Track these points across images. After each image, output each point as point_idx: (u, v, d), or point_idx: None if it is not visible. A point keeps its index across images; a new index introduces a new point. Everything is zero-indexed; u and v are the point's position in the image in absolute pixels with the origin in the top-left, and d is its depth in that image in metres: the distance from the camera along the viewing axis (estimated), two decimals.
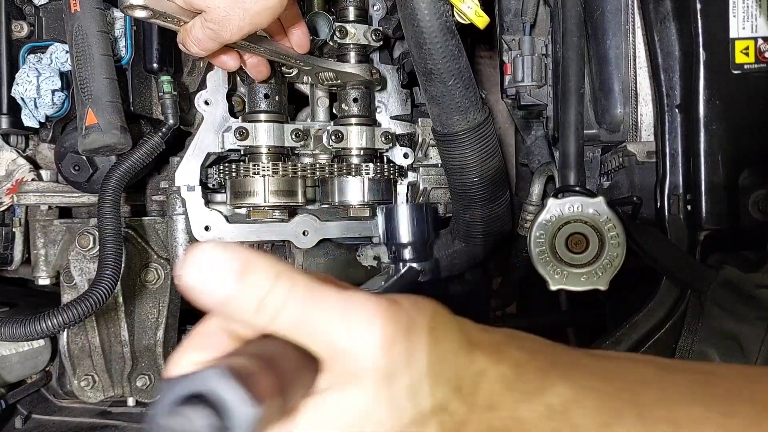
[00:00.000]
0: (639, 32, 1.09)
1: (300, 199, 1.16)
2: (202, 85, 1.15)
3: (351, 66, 1.11)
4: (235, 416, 0.33)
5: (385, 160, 1.23)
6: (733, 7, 0.98)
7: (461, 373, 0.44)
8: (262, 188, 1.11)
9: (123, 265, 1.04)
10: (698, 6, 0.98)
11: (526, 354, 0.48)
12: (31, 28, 1.15)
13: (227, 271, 0.38)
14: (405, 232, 1.15)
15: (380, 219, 1.21)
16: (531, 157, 1.33)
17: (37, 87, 1.09)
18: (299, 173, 1.13)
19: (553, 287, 0.96)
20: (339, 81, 1.13)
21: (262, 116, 1.13)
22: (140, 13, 0.86)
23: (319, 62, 1.09)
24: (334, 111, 1.23)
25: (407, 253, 1.17)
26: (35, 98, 1.09)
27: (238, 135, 1.11)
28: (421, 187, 1.27)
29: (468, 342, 0.46)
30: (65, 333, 1.23)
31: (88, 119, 0.99)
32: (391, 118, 1.24)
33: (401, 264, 1.17)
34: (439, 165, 1.24)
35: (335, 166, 1.16)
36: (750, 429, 0.47)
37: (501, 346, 0.47)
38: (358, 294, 0.42)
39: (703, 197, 1.01)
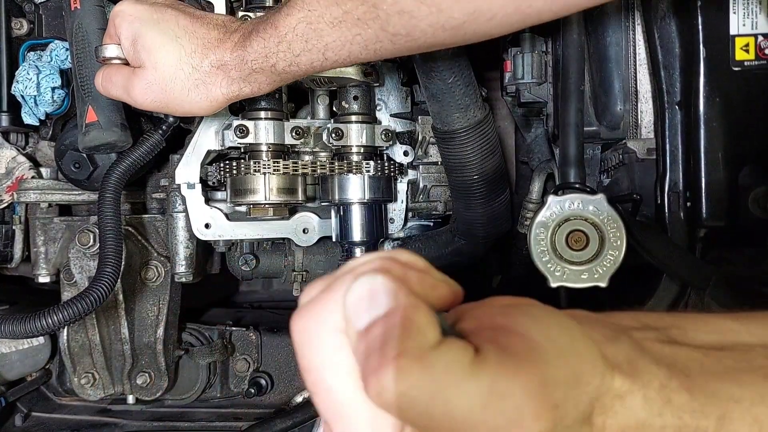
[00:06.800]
0: (639, 29, 1.09)
1: (300, 196, 1.16)
2: None
3: (342, 68, 1.11)
4: None
5: (385, 158, 1.23)
6: (733, 3, 0.98)
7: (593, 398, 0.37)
8: (263, 186, 1.11)
9: (123, 263, 1.04)
10: (698, 3, 0.98)
11: (665, 370, 0.39)
12: (30, 25, 1.15)
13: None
14: (358, 231, 1.19)
15: (334, 217, 1.21)
16: (531, 154, 1.33)
17: (37, 84, 1.09)
18: (299, 171, 1.13)
19: (553, 284, 0.96)
20: (335, 83, 1.13)
21: (262, 114, 1.13)
22: (116, 62, 0.89)
23: None
24: (334, 108, 1.23)
25: (359, 252, 1.21)
26: (35, 96, 1.09)
27: (238, 133, 1.11)
28: (421, 185, 1.27)
29: (602, 359, 0.38)
30: (65, 330, 1.23)
31: (89, 117, 0.99)
32: (391, 115, 1.24)
33: None
34: (439, 163, 1.24)
35: (335, 163, 1.16)
36: None
37: (638, 362, 0.39)
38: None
39: (703, 194, 1.00)
